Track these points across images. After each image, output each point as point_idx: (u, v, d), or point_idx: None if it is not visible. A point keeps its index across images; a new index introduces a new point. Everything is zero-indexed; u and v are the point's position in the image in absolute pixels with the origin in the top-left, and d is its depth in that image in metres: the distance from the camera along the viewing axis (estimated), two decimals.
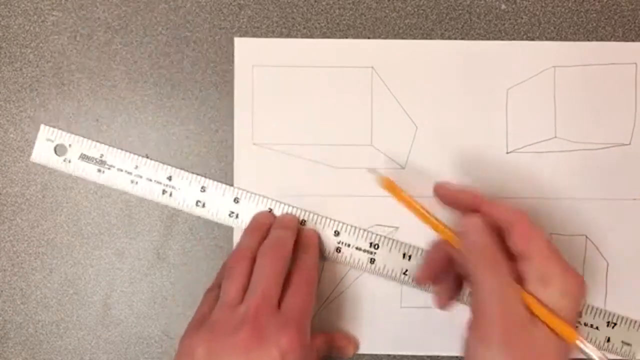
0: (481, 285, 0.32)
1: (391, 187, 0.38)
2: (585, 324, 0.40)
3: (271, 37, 0.42)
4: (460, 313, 0.41)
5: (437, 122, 0.41)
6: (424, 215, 0.36)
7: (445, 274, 0.38)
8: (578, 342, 0.31)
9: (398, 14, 0.42)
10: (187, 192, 0.41)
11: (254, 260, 0.37)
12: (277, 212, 0.41)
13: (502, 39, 0.41)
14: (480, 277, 0.32)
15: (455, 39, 0.41)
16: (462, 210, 0.36)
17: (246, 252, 0.37)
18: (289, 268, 0.38)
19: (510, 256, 0.33)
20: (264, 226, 0.40)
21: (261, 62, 0.42)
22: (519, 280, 0.33)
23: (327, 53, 0.41)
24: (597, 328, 0.40)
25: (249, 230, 0.40)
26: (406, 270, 0.40)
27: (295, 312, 0.35)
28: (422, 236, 0.41)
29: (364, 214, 0.41)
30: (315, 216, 0.41)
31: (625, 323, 0.40)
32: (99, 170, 0.42)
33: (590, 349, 0.31)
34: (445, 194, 0.37)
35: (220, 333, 0.34)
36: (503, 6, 0.42)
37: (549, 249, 0.33)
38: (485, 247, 0.33)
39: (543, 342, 0.31)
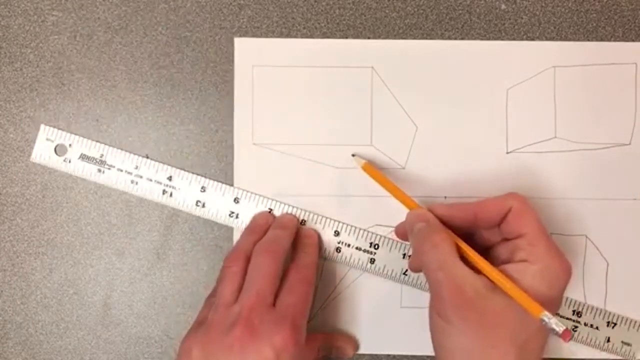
0: (427, 266, 0.34)
1: (369, 169, 0.39)
2: (585, 324, 0.40)
3: (271, 37, 0.42)
4: None
5: (437, 122, 0.41)
6: (400, 195, 0.38)
7: None
8: (542, 316, 0.32)
9: (398, 14, 0.42)
10: (187, 192, 0.41)
11: (249, 261, 0.37)
12: (277, 212, 0.41)
13: (502, 39, 0.41)
14: (425, 258, 0.34)
15: (455, 39, 0.41)
16: (464, 224, 0.36)
17: (241, 252, 0.37)
18: (287, 267, 0.38)
19: (498, 242, 0.36)
20: (262, 227, 0.40)
21: (261, 62, 0.42)
22: (506, 260, 0.34)
23: (327, 53, 0.41)
24: (597, 328, 0.40)
25: (246, 231, 0.40)
26: (406, 271, 0.40)
27: (289, 310, 0.35)
28: None
29: (364, 214, 0.41)
30: (315, 216, 0.41)
31: (625, 323, 0.40)
32: (99, 170, 0.42)
33: (554, 323, 0.31)
34: (442, 215, 0.36)
35: (215, 333, 0.34)
36: (503, 6, 0.42)
37: (539, 230, 0.34)
38: (425, 231, 0.35)
39: (501, 310, 0.32)
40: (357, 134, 0.41)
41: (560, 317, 0.40)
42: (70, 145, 0.42)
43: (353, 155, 0.41)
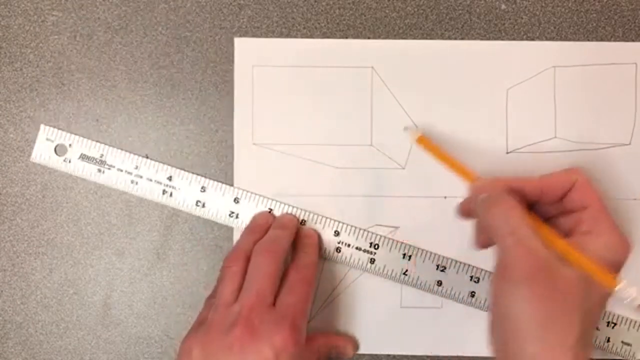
0: (496, 230, 0.34)
1: (424, 142, 0.39)
2: None
3: (271, 37, 0.42)
4: (460, 314, 0.41)
5: (437, 122, 0.41)
6: (460, 169, 0.38)
7: None
8: (618, 288, 0.32)
9: (398, 14, 0.42)
10: (187, 192, 0.41)
11: (249, 261, 0.37)
12: (277, 212, 0.41)
13: (502, 39, 0.41)
14: (494, 223, 0.34)
15: (455, 39, 0.41)
16: (529, 198, 0.36)
17: (241, 252, 0.37)
18: (287, 267, 0.38)
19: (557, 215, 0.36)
20: (262, 227, 0.40)
21: (261, 62, 0.42)
22: (568, 232, 0.35)
23: (327, 53, 0.41)
24: (597, 328, 0.40)
25: (246, 231, 0.40)
26: (406, 271, 0.40)
27: (289, 310, 0.35)
28: (422, 236, 0.41)
29: (364, 214, 0.41)
30: (315, 216, 0.41)
31: (625, 323, 0.40)
32: (99, 170, 0.42)
33: (630, 294, 0.32)
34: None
35: (215, 333, 0.34)
36: (503, 6, 0.42)
37: (602, 205, 0.35)
38: (494, 198, 0.35)
39: (570, 280, 0.32)
40: (357, 134, 0.41)
41: None
42: (70, 145, 0.42)
43: (405, 129, 0.40)
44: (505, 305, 0.33)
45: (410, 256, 0.41)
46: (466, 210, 0.39)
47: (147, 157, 0.42)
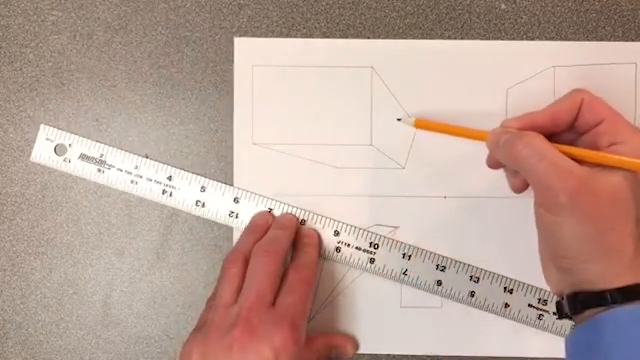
0: (525, 162, 0.33)
1: (423, 124, 0.40)
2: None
3: (271, 37, 0.42)
4: (460, 314, 0.41)
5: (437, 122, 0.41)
6: (469, 132, 0.38)
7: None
8: None
9: (398, 14, 0.42)
10: (187, 192, 0.41)
11: (249, 262, 0.37)
12: (277, 212, 0.41)
13: (502, 39, 0.41)
14: (521, 156, 0.33)
15: (455, 39, 0.41)
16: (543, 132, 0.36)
17: (240, 254, 0.37)
18: (287, 267, 0.38)
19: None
20: (262, 227, 0.40)
21: (261, 62, 0.42)
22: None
23: (327, 53, 0.41)
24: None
25: (245, 232, 0.40)
26: (406, 270, 0.40)
27: (289, 311, 0.35)
28: (422, 236, 0.41)
29: (364, 214, 0.41)
30: (315, 216, 0.41)
31: None
32: (99, 170, 0.42)
33: None
34: (519, 127, 0.37)
35: (215, 334, 0.34)
36: (503, 6, 0.42)
37: (616, 114, 0.34)
38: (514, 136, 0.34)
39: (612, 189, 0.32)
40: (357, 134, 0.41)
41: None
42: (70, 145, 0.42)
43: (399, 120, 0.40)
44: (554, 235, 0.33)
45: (410, 256, 0.41)
46: (495, 162, 0.38)
47: (147, 157, 0.42)
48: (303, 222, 0.41)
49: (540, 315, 0.40)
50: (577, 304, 0.33)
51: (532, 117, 0.36)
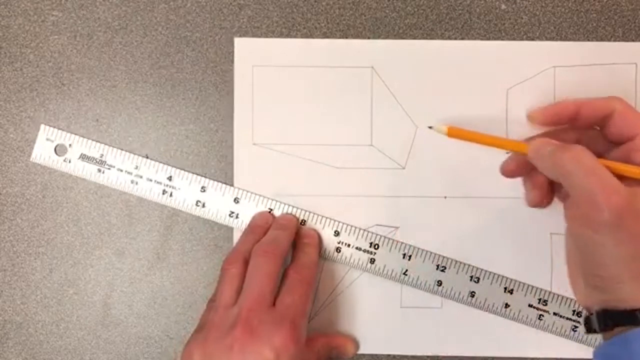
0: (571, 176, 0.32)
1: (455, 132, 0.38)
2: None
3: (271, 37, 0.42)
4: (460, 314, 0.41)
5: (437, 122, 0.41)
6: (505, 142, 0.38)
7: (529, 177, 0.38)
8: None
9: (398, 14, 0.42)
10: (187, 192, 0.41)
11: (248, 262, 0.37)
12: (277, 212, 0.41)
13: (502, 39, 0.41)
14: (567, 169, 0.32)
15: (455, 39, 0.41)
16: (564, 123, 0.36)
17: (240, 254, 0.37)
18: (287, 267, 0.38)
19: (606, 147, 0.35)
20: (261, 228, 0.40)
21: (261, 62, 0.42)
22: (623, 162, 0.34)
23: (327, 53, 0.41)
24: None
25: (245, 233, 0.40)
26: (406, 270, 0.40)
27: (289, 311, 0.35)
28: (422, 236, 0.41)
29: (364, 214, 0.41)
30: (315, 216, 0.41)
31: None
32: (99, 170, 0.42)
33: None
34: (544, 117, 0.37)
35: (215, 335, 0.34)
36: (503, 6, 0.42)
37: None
38: (560, 148, 0.34)
39: None
40: (357, 134, 0.41)
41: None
42: (70, 145, 0.42)
43: (430, 128, 0.39)
44: (592, 251, 0.32)
45: (410, 256, 0.41)
46: (511, 171, 0.38)
47: (147, 157, 0.42)
48: (303, 222, 0.41)
49: (540, 315, 0.40)
50: (607, 320, 0.32)
51: (557, 106, 0.36)
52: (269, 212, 0.41)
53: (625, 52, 0.41)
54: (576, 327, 0.40)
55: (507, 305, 0.40)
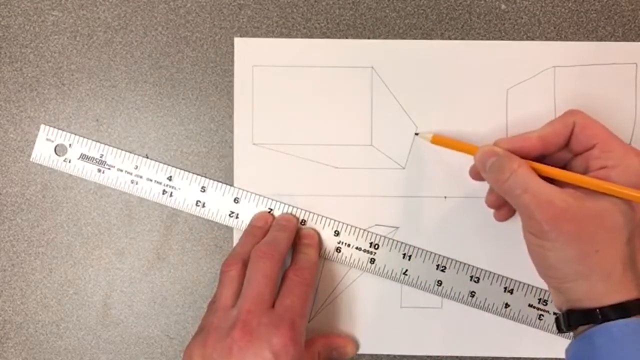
0: (510, 193, 0.34)
1: (439, 140, 0.39)
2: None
3: (271, 37, 0.42)
4: (460, 314, 0.41)
5: (437, 122, 0.41)
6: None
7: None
8: None
9: (398, 14, 0.42)
10: (187, 192, 0.41)
11: (247, 264, 0.37)
12: (277, 212, 0.41)
13: (502, 39, 0.41)
14: (506, 186, 0.34)
15: (455, 39, 0.41)
16: (530, 158, 0.36)
17: (239, 256, 0.37)
18: (287, 268, 0.38)
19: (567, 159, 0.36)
20: (260, 229, 0.40)
21: (261, 62, 0.42)
22: (583, 173, 0.35)
23: (327, 53, 0.41)
24: None
25: (244, 235, 0.40)
26: (406, 270, 0.40)
27: (288, 312, 0.35)
28: (422, 236, 0.41)
29: (364, 214, 0.41)
30: (315, 216, 0.41)
31: None
32: (99, 170, 0.42)
33: None
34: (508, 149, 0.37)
35: (214, 337, 0.34)
36: (503, 6, 0.42)
37: (609, 136, 0.35)
38: (499, 162, 0.35)
39: (596, 214, 0.33)
40: (357, 134, 0.41)
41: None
42: (70, 145, 0.42)
43: (416, 134, 0.41)
44: (542, 258, 0.34)
45: (410, 256, 0.41)
46: (476, 174, 0.39)
47: (147, 157, 0.42)
48: (303, 222, 0.41)
49: (540, 315, 0.40)
50: (570, 320, 0.34)
51: (522, 140, 0.36)
52: (269, 212, 0.41)
53: (625, 52, 0.41)
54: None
55: (507, 305, 0.40)
